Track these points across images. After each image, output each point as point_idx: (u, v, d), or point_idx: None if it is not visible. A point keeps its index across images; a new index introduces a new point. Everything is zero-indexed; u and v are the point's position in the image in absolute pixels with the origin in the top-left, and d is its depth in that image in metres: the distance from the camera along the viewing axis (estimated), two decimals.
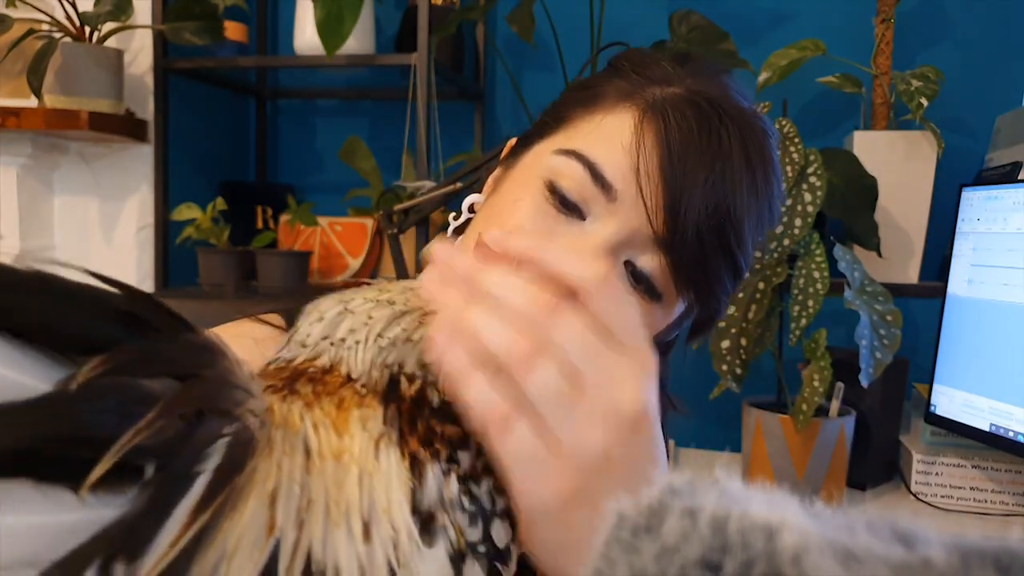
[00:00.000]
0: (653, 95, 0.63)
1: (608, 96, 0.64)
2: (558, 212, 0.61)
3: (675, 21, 1.60)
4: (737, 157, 0.61)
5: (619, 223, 0.60)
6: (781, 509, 0.27)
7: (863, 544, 0.25)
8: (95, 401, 0.28)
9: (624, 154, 0.61)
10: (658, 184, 0.60)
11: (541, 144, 0.66)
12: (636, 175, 0.60)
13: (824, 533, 0.25)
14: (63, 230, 1.87)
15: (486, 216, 0.67)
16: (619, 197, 0.60)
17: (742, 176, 0.61)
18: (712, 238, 0.61)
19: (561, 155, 0.62)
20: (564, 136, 0.64)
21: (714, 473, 0.30)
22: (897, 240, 1.49)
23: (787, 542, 0.25)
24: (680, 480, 0.30)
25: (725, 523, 0.26)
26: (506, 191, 0.66)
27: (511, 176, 0.67)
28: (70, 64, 1.64)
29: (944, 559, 0.24)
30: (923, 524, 0.26)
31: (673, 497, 0.28)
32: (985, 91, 1.69)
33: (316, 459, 0.36)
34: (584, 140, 0.63)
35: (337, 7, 1.48)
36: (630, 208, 0.60)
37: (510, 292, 0.40)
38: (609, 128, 0.62)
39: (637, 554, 0.27)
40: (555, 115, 0.67)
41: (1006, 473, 1.31)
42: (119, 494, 0.28)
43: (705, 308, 0.67)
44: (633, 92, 0.64)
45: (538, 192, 0.62)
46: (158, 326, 0.32)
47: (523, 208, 0.62)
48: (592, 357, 0.39)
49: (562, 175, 0.61)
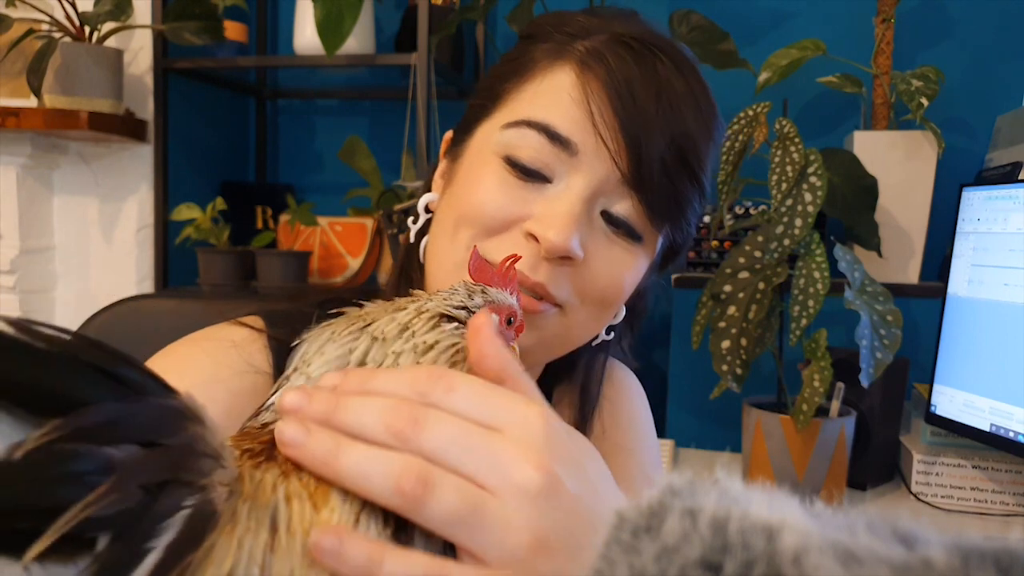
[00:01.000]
0: (584, 47, 0.63)
1: (538, 61, 0.65)
2: (523, 182, 0.61)
3: (675, 21, 1.60)
4: (678, 84, 0.62)
5: (586, 176, 0.61)
6: (781, 509, 0.27)
7: (864, 544, 0.25)
8: (46, 469, 0.26)
9: (574, 107, 0.61)
10: (615, 126, 0.60)
11: (484, 126, 0.66)
12: (592, 123, 0.60)
13: (825, 533, 0.25)
14: (63, 230, 1.87)
15: (450, 207, 0.66)
16: (580, 150, 0.61)
17: (687, 100, 0.62)
18: (676, 166, 0.62)
19: (510, 128, 0.62)
20: (506, 111, 0.64)
21: (714, 473, 0.30)
22: (897, 240, 1.49)
23: (788, 542, 0.25)
24: (680, 480, 0.30)
25: (725, 523, 0.26)
26: (462, 178, 0.66)
27: (462, 164, 0.67)
28: (70, 64, 1.64)
29: (944, 559, 0.24)
30: (923, 524, 0.26)
31: (673, 498, 0.29)
32: (985, 91, 1.69)
33: (283, 536, 0.33)
34: (529, 107, 0.63)
35: (337, 7, 1.48)
36: (593, 158, 0.61)
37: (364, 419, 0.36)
38: (551, 87, 0.63)
39: (637, 554, 0.27)
40: (488, 95, 0.67)
41: (1006, 473, 1.30)
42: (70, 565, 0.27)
43: (678, 236, 0.68)
44: (562, 50, 0.64)
45: (498, 167, 0.62)
46: (131, 386, 0.30)
47: (487, 184, 0.62)
48: (471, 453, 0.36)
49: (518, 147, 0.61)
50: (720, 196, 1.43)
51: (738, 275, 1.29)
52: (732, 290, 1.28)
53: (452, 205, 0.65)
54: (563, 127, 0.61)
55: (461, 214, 0.63)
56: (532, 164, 0.61)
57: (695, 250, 1.65)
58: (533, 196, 0.61)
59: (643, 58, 0.61)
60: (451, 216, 0.64)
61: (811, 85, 1.59)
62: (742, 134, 1.36)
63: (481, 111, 0.67)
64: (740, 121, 1.40)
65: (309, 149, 2.13)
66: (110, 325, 0.93)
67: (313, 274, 1.91)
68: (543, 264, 0.60)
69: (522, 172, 0.61)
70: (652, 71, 0.61)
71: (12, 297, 1.77)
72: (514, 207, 0.61)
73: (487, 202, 0.61)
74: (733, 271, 1.29)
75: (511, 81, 0.65)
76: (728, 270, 1.30)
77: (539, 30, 0.68)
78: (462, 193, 0.64)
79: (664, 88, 0.61)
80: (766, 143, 1.38)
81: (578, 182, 0.61)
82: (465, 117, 0.70)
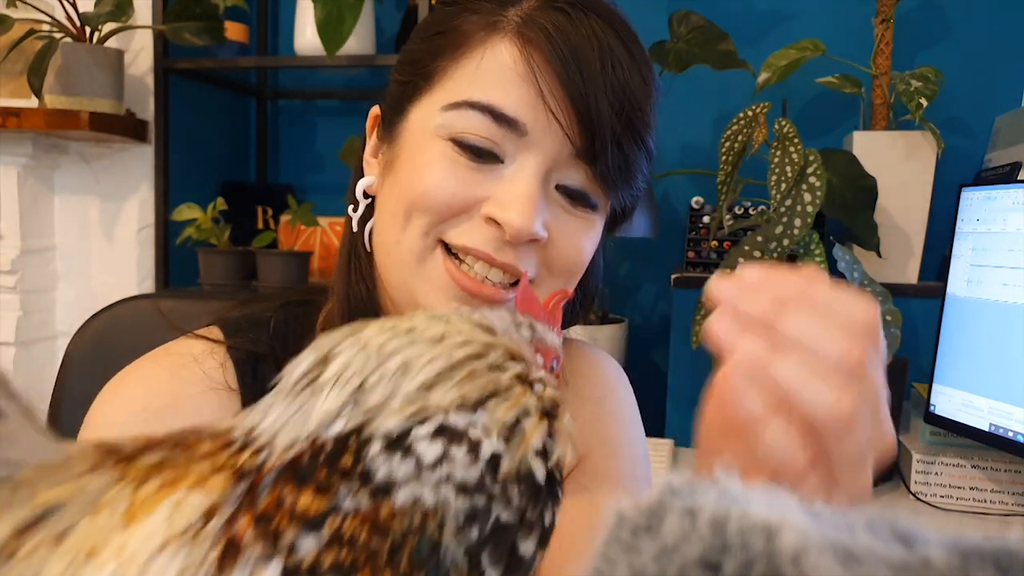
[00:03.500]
0: (516, 16, 0.61)
1: (470, 34, 0.62)
2: (474, 164, 0.60)
3: (675, 21, 1.60)
4: (615, 45, 0.60)
5: (538, 154, 0.60)
6: (781, 509, 0.27)
7: (863, 544, 0.25)
8: None
9: (522, 84, 0.59)
10: (565, 101, 0.59)
11: (419, 106, 0.63)
12: (543, 101, 0.59)
13: (824, 533, 0.25)
14: (63, 230, 1.87)
15: (396, 194, 0.63)
16: (529, 129, 0.59)
17: (627, 60, 0.61)
18: (626, 133, 0.61)
19: (454, 109, 0.60)
20: (443, 91, 0.62)
21: (714, 473, 0.30)
22: (896, 240, 1.49)
23: (787, 542, 0.25)
24: (680, 480, 0.30)
25: (725, 523, 0.26)
26: (405, 163, 0.63)
27: (401, 148, 0.64)
28: (71, 64, 1.64)
29: (944, 559, 0.24)
30: (923, 524, 0.26)
31: (673, 497, 0.28)
32: (984, 91, 1.69)
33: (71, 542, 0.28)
34: (470, 86, 0.60)
35: (337, 8, 1.48)
36: (542, 135, 0.60)
37: (822, 343, 0.38)
38: (492, 65, 0.60)
39: (637, 554, 0.27)
40: (419, 72, 0.64)
41: (1005, 473, 1.30)
42: None
43: (628, 199, 0.67)
44: (494, 21, 0.61)
45: (444, 150, 0.60)
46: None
47: (437, 169, 0.60)
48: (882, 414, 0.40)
49: (463, 128, 0.59)
50: (719, 196, 1.43)
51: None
52: None
53: (398, 192, 0.62)
54: (509, 107, 0.59)
55: (411, 201, 0.61)
56: (483, 145, 0.59)
57: (695, 250, 1.65)
58: (486, 178, 0.60)
59: (578, 23, 0.59)
60: (399, 204, 0.62)
61: (810, 85, 1.60)
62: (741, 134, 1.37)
63: (413, 90, 0.64)
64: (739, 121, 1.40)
65: (310, 149, 2.13)
66: (110, 325, 0.93)
67: (314, 274, 1.91)
68: (506, 246, 0.60)
69: (473, 154, 0.59)
70: (592, 36, 0.59)
71: (13, 297, 1.77)
72: (468, 190, 0.60)
73: (440, 187, 0.59)
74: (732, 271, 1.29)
75: (444, 57, 0.62)
76: (727, 270, 1.30)
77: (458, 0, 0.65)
78: (408, 179, 0.62)
79: (605, 53, 0.59)
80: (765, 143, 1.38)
81: (531, 161, 0.60)
82: (393, 95, 0.67)
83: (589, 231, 0.64)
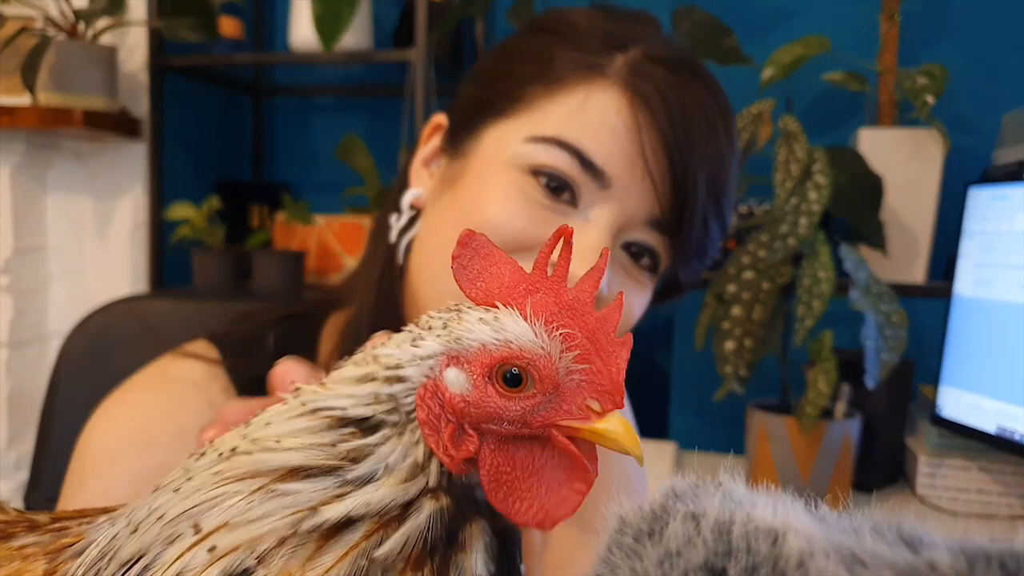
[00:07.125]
0: (625, 65, 0.59)
1: (570, 71, 0.60)
2: (550, 202, 0.58)
3: (678, 17, 1.58)
4: (717, 117, 0.59)
5: (615, 209, 0.58)
6: (786, 513, 0.27)
7: (869, 548, 0.25)
8: None
9: (615, 138, 0.58)
10: (663, 164, 0.57)
11: (497, 128, 0.61)
12: (642, 159, 0.57)
13: (830, 537, 0.25)
14: (57, 229, 1.85)
15: (455, 214, 0.61)
16: (612, 184, 0.58)
17: (724, 134, 0.60)
18: (713, 207, 0.60)
19: (541, 143, 0.58)
20: (531, 121, 0.60)
21: (718, 476, 0.30)
22: (903, 239, 1.47)
23: (792, 546, 0.25)
24: (683, 484, 0.30)
25: (729, 527, 0.26)
26: (471, 184, 0.61)
27: (469, 167, 0.62)
28: (64, 62, 1.62)
29: (950, 562, 0.24)
30: (929, 527, 0.26)
31: (676, 501, 0.28)
32: (992, 89, 1.67)
33: None
34: (565, 125, 0.58)
35: (334, 2, 1.46)
36: (625, 191, 0.58)
37: None
38: (595, 111, 0.58)
39: (639, 559, 0.27)
40: (503, 94, 0.62)
41: (1013, 476, 1.29)
42: None
43: (697, 273, 0.66)
44: (599, 64, 0.59)
45: (521, 181, 0.58)
46: None
47: (511, 198, 0.58)
48: None
49: (545, 164, 0.58)
50: None
51: (742, 275, 1.27)
52: (736, 290, 1.27)
53: (458, 213, 0.60)
54: (599, 157, 0.57)
55: (475, 225, 0.59)
56: (564, 183, 0.57)
57: None
58: (556, 219, 0.57)
59: (688, 86, 0.58)
60: (457, 224, 0.60)
61: (816, 82, 1.58)
62: (745, 132, 1.35)
63: (491, 110, 0.62)
64: (744, 119, 1.38)
65: (305, 147, 2.11)
66: (104, 325, 0.92)
67: (309, 273, 1.89)
68: None
69: (551, 191, 0.57)
70: (699, 103, 0.58)
71: (6, 297, 1.75)
72: (538, 229, 0.57)
73: (510, 219, 0.57)
74: (737, 271, 1.28)
75: (535, 86, 0.60)
76: (732, 270, 1.28)
77: (558, 26, 0.63)
78: (475, 201, 0.60)
79: (711, 124, 0.58)
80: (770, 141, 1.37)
81: (607, 215, 0.58)
82: (465, 109, 0.65)
83: (642, 294, 0.63)
